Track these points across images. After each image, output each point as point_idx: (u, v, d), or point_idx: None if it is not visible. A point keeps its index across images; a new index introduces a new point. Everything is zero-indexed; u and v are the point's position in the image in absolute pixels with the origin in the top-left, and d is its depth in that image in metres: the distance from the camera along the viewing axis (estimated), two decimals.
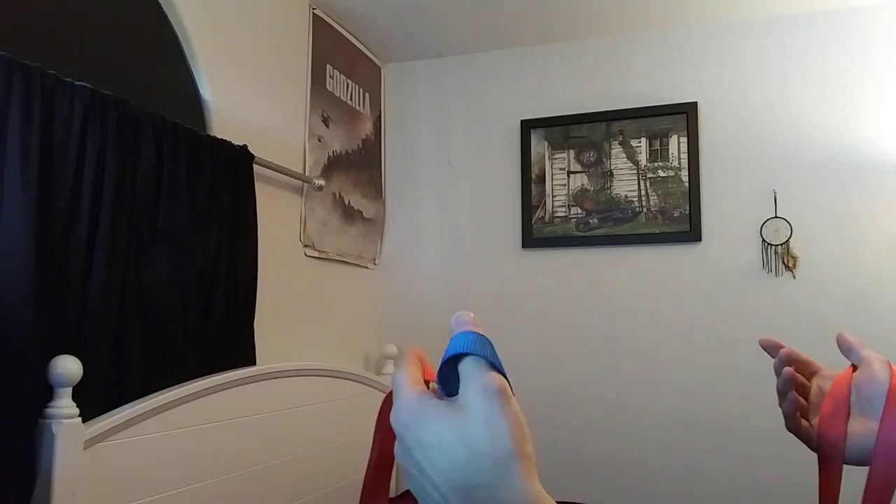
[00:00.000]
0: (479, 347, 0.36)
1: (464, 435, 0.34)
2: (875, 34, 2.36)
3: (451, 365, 0.37)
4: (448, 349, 0.37)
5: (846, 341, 0.68)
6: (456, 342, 0.37)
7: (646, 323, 2.52)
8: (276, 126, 2.21)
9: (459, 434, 0.34)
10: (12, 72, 1.24)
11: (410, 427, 0.36)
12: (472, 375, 0.36)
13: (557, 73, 2.74)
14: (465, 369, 0.36)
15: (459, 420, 0.34)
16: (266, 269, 1.99)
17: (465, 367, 0.36)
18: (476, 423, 0.34)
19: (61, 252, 1.32)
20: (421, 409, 0.36)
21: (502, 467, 0.33)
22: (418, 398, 0.37)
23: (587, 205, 2.64)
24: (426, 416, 0.36)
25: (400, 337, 2.77)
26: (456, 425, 0.34)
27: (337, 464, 2.20)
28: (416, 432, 0.36)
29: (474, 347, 0.36)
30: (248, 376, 1.74)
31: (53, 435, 1.20)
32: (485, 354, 0.36)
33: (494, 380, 0.35)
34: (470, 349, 0.36)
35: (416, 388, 0.38)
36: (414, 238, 2.87)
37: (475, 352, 0.36)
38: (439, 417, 0.35)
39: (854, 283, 2.30)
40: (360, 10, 2.49)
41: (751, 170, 2.46)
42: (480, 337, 0.37)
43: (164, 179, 1.60)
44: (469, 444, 0.34)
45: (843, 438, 0.61)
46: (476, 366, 0.36)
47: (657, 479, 2.44)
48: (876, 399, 0.61)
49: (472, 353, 0.36)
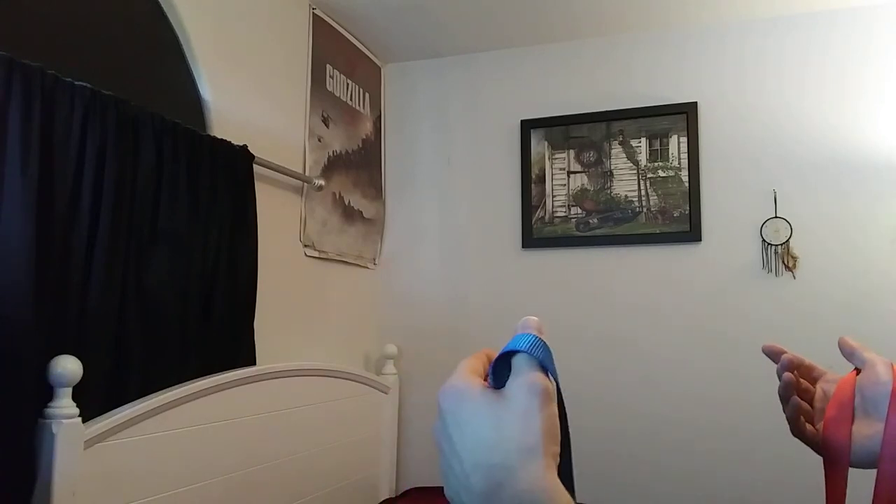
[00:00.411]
0: (535, 349, 0.39)
1: (499, 419, 0.36)
2: (875, 34, 2.36)
3: (506, 360, 0.39)
4: (507, 346, 0.40)
5: (848, 345, 0.68)
6: (516, 340, 0.39)
7: (646, 323, 2.52)
8: (276, 126, 2.21)
9: (495, 417, 0.36)
10: (12, 72, 1.24)
11: (452, 403, 0.38)
12: (522, 371, 0.38)
13: (557, 73, 2.74)
14: (517, 364, 0.39)
15: (499, 406, 0.37)
16: (266, 269, 1.99)
17: (517, 363, 0.39)
18: (513, 412, 0.36)
19: (61, 252, 1.32)
20: (467, 390, 0.39)
21: (526, 455, 0.35)
22: (467, 381, 0.40)
23: (587, 205, 2.64)
24: (470, 396, 0.38)
25: (400, 337, 2.78)
26: (494, 410, 0.37)
27: (337, 464, 2.20)
28: (456, 409, 0.38)
29: (531, 348, 0.39)
30: (248, 376, 1.75)
31: (53, 435, 1.21)
32: (539, 356, 0.38)
33: (539, 379, 0.37)
34: (526, 349, 0.39)
35: (469, 373, 0.40)
36: (414, 238, 2.87)
37: (531, 352, 0.38)
38: (481, 400, 0.38)
39: (854, 283, 2.30)
40: (360, 10, 2.49)
41: (751, 170, 2.46)
42: (540, 341, 0.39)
43: (164, 179, 1.60)
44: (501, 428, 0.36)
45: (848, 441, 0.61)
46: (528, 363, 0.38)
47: (657, 479, 2.44)
48: (880, 400, 0.60)
49: (528, 352, 0.38)
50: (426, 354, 2.77)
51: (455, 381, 0.40)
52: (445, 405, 0.39)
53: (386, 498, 2.52)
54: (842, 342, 0.68)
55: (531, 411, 0.36)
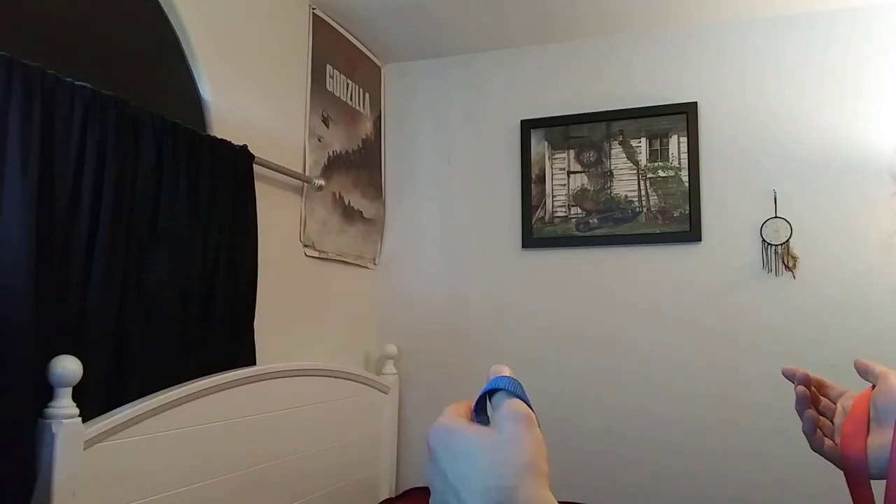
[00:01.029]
0: (511, 386, 0.42)
1: (490, 446, 0.38)
2: (875, 34, 2.36)
3: (486, 399, 0.43)
4: (485, 386, 0.43)
5: (862, 364, 0.68)
6: (491, 382, 0.43)
7: (646, 323, 2.52)
8: (276, 126, 2.21)
9: (487, 446, 0.39)
10: (12, 72, 1.24)
11: (444, 440, 0.41)
12: (503, 403, 0.41)
13: (557, 73, 2.74)
14: (496, 400, 0.42)
15: (488, 435, 0.39)
16: (266, 269, 1.99)
17: (497, 398, 0.42)
18: (503, 438, 0.39)
19: (61, 252, 1.32)
20: (457, 427, 0.41)
21: (522, 472, 0.36)
22: (455, 420, 0.42)
23: (587, 205, 2.64)
24: (460, 431, 0.41)
25: (400, 337, 2.78)
26: (484, 439, 0.39)
27: (337, 464, 2.20)
28: (449, 445, 0.40)
29: (507, 385, 0.42)
30: (248, 376, 1.75)
31: (53, 435, 1.21)
32: (515, 391, 0.42)
33: (520, 406, 0.40)
34: (503, 386, 0.42)
35: (454, 415, 0.43)
36: (414, 238, 2.87)
37: (507, 388, 0.42)
38: (471, 432, 0.40)
39: (854, 283, 2.30)
40: (360, 10, 2.49)
41: (751, 170, 2.46)
42: (513, 379, 0.43)
43: (164, 179, 1.60)
44: (495, 453, 0.38)
45: (864, 454, 0.60)
46: (507, 397, 0.42)
47: (657, 480, 2.44)
48: (891, 409, 0.60)
49: (505, 389, 0.42)
50: (426, 354, 2.77)
51: (443, 421, 0.42)
52: (436, 444, 0.41)
53: (386, 498, 2.52)
54: (857, 363, 0.69)
55: (518, 434, 0.38)
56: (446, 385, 2.72)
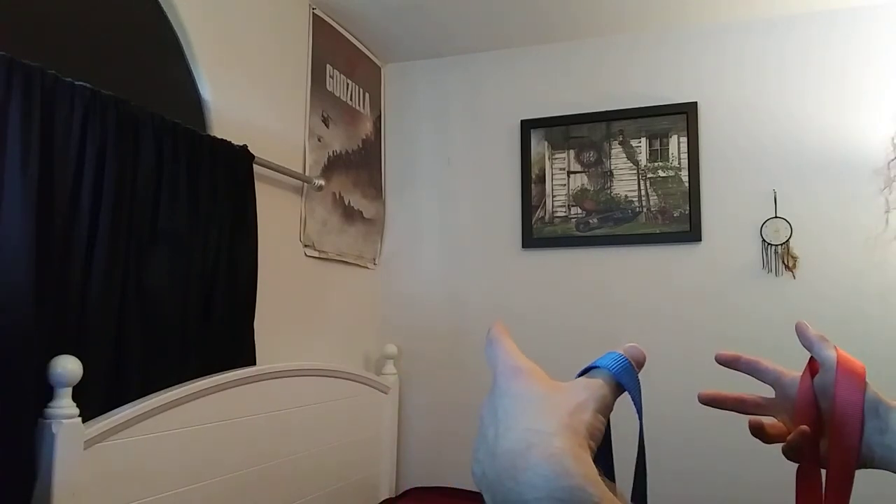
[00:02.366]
0: (616, 367, 0.39)
1: (552, 398, 0.37)
2: (875, 34, 2.36)
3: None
4: (597, 360, 0.41)
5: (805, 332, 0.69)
6: (606, 357, 0.40)
7: (646, 323, 2.51)
8: (276, 126, 2.21)
9: (549, 396, 0.37)
10: (12, 72, 1.24)
11: (509, 378, 0.38)
12: (593, 377, 0.39)
13: (557, 73, 2.74)
14: (593, 373, 0.40)
15: (556, 390, 0.38)
16: (266, 269, 1.99)
17: (594, 373, 0.40)
18: (568, 399, 0.37)
19: (61, 252, 1.32)
20: (528, 370, 0.39)
21: (567, 431, 0.34)
22: (530, 363, 0.40)
23: (587, 205, 2.64)
24: (530, 374, 0.39)
25: (400, 337, 2.77)
26: (551, 390, 0.37)
27: (337, 464, 2.20)
28: (511, 383, 0.38)
29: (612, 366, 0.39)
30: (248, 376, 1.75)
31: (53, 435, 1.21)
32: (621, 378, 0.39)
33: (605, 390, 0.39)
34: (608, 367, 0.39)
35: (530, 362, 0.40)
36: (414, 238, 2.87)
37: (612, 370, 0.39)
38: (541, 380, 0.38)
39: (854, 283, 2.30)
40: (360, 10, 2.49)
41: (751, 170, 2.46)
42: (625, 362, 0.40)
43: (164, 179, 1.60)
44: (552, 404, 0.36)
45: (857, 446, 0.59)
46: (603, 377, 0.39)
47: (657, 480, 2.43)
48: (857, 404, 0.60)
49: (609, 370, 0.39)
50: (426, 354, 2.77)
51: (518, 362, 0.40)
52: (502, 380, 0.39)
53: (386, 498, 2.52)
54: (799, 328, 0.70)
55: (586, 405, 0.37)
56: (446, 385, 2.72)
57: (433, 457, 2.70)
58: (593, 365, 0.40)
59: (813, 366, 0.66)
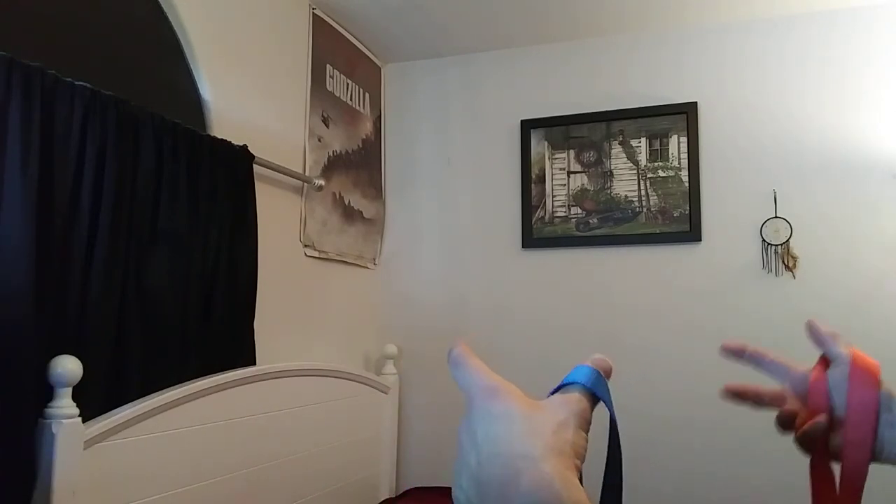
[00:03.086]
0: (590, 381, 0.39)
1: (532, 419, 0.36)
2: (875, 34, 2.36)
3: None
4: (568, 376, 0.40)
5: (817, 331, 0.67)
6: (577, 372, 0.40)
7: (646, 323, 2.51)
8: (276, 126, 2.21)
9: (529, 418, 0.36)
10: (12, 72, 1.24)
11: (486, 400, 0.38)
12: (569, 392, 0.39)
13: (557, 73, 2.74)
14: (568, 389, 0.39)
15: (535, 410, 0.37)
16: (266, 269, 1.99)
17: (570, 388, 0.39)
18: (549, 419, 0.36)
19: (61, 252, 1.32)
20: (506, 390, 0.38)
21: (552, 453, 0.34)
22: (507, 384, 0.39)
23: (587, 205, 2.64)
24: (507, 395, 0.38)
25: (400, 337, 2.77)
26: (530, 412, 0.37)
27: (337, 464, 2.20)
28: (490, 405, 0.37)
29: (586, 381, 0.39)
30: (248, 376, 1.75)
31: (53, 435, 1.21)
32: (594, 389, 0.39)
33: (583, 404, 0.38)
34: (582, 381, 0.39)
35: (508, 384, 0.40)
36: (414, 238, 2.87)
37: (587, 384, 0.39)
38: (518, 401, 0.37)
39: (854, 283, 2.30)
40: (360, 10, 2.49)
41: (751, 170, 2.46)
42: (597, 374, 0.40)
43: (164, 179, 1.60)
44: (533, 426, 0.35)
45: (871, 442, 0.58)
46: (579, 392, 0.39)
47: (657, 480, 2.44)
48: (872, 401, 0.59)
49: (585, 384, 0.39)
50: (426, 354, 2.77)
51: (493, 383, 0.39)
52: (479, 401, 0.38)
53: (386, 498, 2.52)
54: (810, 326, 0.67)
55: (567, 423, 0.36)
56: (446, 385, 2.71)
57: (433, 457, 2.70)
58: (566, 382, 0.40)
59: (824, 363, 0.66)
